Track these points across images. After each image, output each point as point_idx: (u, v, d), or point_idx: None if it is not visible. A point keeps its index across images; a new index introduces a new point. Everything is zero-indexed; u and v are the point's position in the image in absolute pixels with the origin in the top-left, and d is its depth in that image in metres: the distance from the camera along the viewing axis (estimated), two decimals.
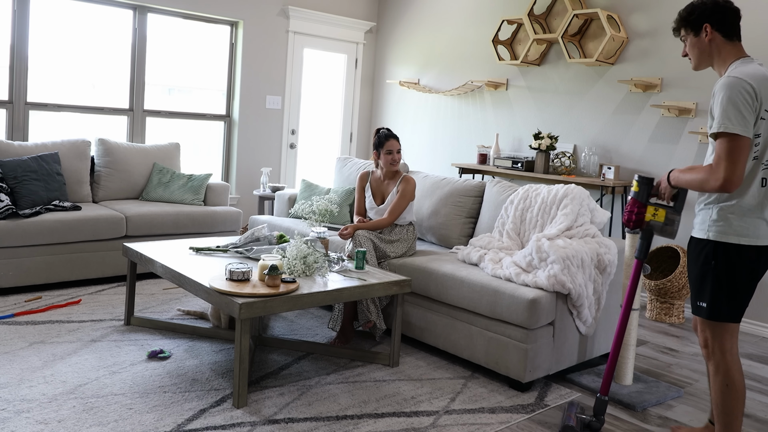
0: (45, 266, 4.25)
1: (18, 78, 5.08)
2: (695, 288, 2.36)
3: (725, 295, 2.29)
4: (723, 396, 2.36)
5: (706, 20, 2.34)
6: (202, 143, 6.29)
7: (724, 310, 2.31)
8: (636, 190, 2.59)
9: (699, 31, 2.36)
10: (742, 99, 2.16)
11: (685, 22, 2.39)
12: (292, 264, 3.17)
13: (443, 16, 6.48)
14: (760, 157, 2.25)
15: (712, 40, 2.35)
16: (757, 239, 2.27)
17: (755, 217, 2.27)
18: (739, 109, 2.15)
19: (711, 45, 2.36)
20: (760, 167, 2.26)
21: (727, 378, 2.35)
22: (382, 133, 3.95)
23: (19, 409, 2.63)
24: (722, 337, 2.34)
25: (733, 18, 2.35)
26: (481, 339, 3.30)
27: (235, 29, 6.25)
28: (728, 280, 2.28)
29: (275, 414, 2.75)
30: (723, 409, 2.36)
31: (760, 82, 2.20)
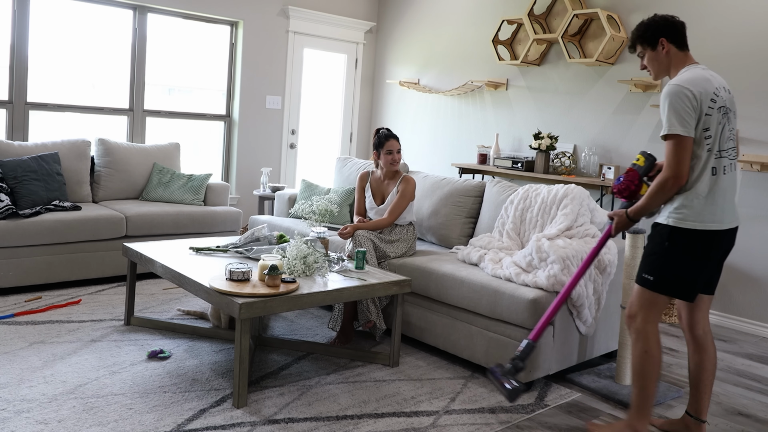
0: (45, 266, 4.25)
1: (18, 78, 5.08)
2: (645, 263, 2.59)
3: (671, 273, 2.53)
4: (641, 361, 2.58)
5: (661, 35, 2.59)
6: (202, 143, 6.30)
7: (668, 285, 2.54)
8: (641, 164, 2.69)
9: (656, 46, 2.60)
10: (681, 104, 2.42)
11: (642, 38, 2.63)
12: (292, 264, 3.17)
13: (443, 16, 6.48)
14: (712, 148, 2.47)
15: (668, 52, 2.59)
16: (710, 224, 2.48)
17: (708, 204, 2.48)
18: (680, 113, 2.42)
19: (668, 56, 2.60)
20: (711, 157, 2.48)
21: (646, 345, 2.57)
22: (382, 133, 3.95)
23: (19, 409, 2.63)
24: (650, 308, 2.58)
25: (683, 30, 2.61)
26: (481, 339, 3.30)
27: (235, 29, 6.25)
28: (674, 259, 2.51)
29: (275, 414, 2.75)
30: (640, 374, 2.59)
31: (698, 85, 2.45)
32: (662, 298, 2.57)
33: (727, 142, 2.50)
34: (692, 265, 2.52)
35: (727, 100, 2.52)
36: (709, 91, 2.46)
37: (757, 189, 4.42)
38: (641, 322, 2.59)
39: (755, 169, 4.40)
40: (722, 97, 2.50)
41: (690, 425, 2.76)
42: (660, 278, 2.54)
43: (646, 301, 2.59)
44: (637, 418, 2.63)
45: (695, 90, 2.43)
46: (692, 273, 2.53)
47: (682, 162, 2.43)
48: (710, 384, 2.72)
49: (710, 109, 2.45)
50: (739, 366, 3.79)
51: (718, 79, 2.55)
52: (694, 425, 2.75)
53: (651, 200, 2.54)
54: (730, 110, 2.53)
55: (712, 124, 2.46)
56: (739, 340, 4.29)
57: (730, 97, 2.56)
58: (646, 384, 2.58)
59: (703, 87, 2.45)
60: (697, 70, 2.53)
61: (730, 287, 4.57)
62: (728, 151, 2.51)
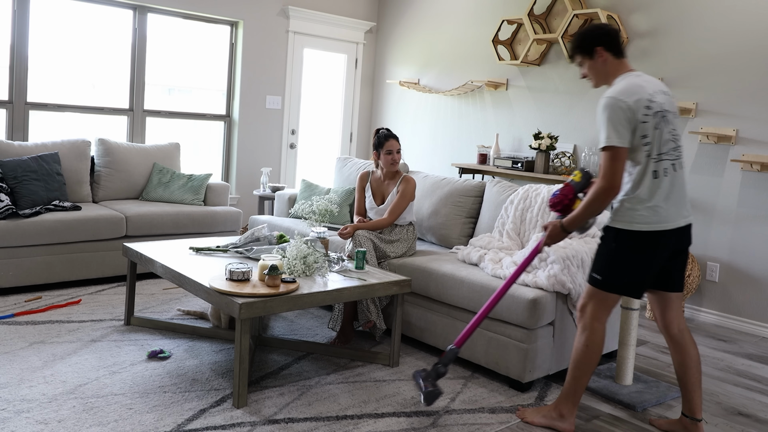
0: (45, 266, 4.25)
1: (18, 78, 5.08)
2: (595, 262, 2.69)
3: (618, 273, 2.62)
4: (581, 353, 2.69)
5: (597, 44, 2.66)
6: (202, 143, 6.29)
7: (615, 284, 2.63)
8: (577, 180, 2.79)
9: (593, 55, 2.67)
10: (616, 116, 2.49)
11: (580, 49, 2.71)
12: (292, 264, 3.17)
13: (443, 16, 6.48)
14: (651, 153, 2.54)
15: (605, 60, 2.66)
16: (655, 225, 2.55)
17: (652, 207, 2.55)
18: (616, 125, 2.49)
19: (605, 65, 2.68)
20: (653, 162, 2.55)
21: (589, 339, 2.68)
22: (382, 134, 3.95)
23: (19, 409, 2.63)
24: (599, 305, 2.68)
25: (618, 38, 2.68)
26: (481, 339, 3.30)
27: (235, 29, 6.25)
28: (621, 260, 2.60)
29: (275, 414, 2.75)
30: (577, 365, 2.71)
31: (633, 94, 2.52)
32: (611, 296, 2.67)
33: (666, 144, 2.56)
34: (639, 265, 2.59)
35: (664, 103, 2.58)
36: (643, 98, 2.53)
37: (757, 189, 4.42)
38: (589, 318, 2.69)
39: (755, 169, 4.40)
40: (658, 102, 2.56)
41: (687, 426, 2.79)
42: (608, 278, 2.64)
43: (595, 299, 2.69)
44: (564, 404, 2.76)
45: (630, 101, 2.50)
46: (639, 273, 2.61)
47: (617, 172, 2.51)
48: (697, 382, 2.76)
49: (646, 116, 2.51)
50: (739, 366, 3.79)
51: (654, 84, 2.61)
52: (691, 425, 2.78)
53: (586, 210, 2.62)
54: (669, 112, 2.59)
55: (649, 130, 2.53)
56: (739, 340, 4.30)
57: (668, 99, 2.62)
58: (580, 375, 2.71)
59: (638, 96, 2.52)
60: (632, 78, 2.60)
61: (730, 287, 4.57)
62: (669, 153, 2.57)
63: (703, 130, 4.59)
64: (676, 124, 2.63)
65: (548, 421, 2.78)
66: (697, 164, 4.71)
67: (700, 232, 4.70)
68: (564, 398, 2.77)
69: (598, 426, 2.87)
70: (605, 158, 2.51)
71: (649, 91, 2.56)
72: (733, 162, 4.52)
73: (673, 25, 4.84)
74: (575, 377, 2.72)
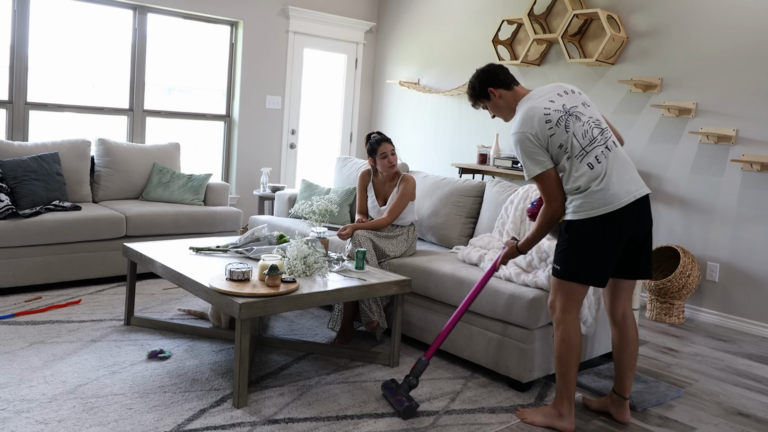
0: (45, 266, 4.25)
1: (18, 78, 5.08)
2: (555, 254, 2.78)
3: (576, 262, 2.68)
4: (560, 349, 2.75)
5: (487, 85, 2.84)
6: (202, 143, 6.29)
7: (575, 273, 2.69)
8: None
9: (489, 96, 2.85)
10: (527, 148, 2.67)
11: (476, 97, 2.90)
12: (292, 264, 3.17)
13: (443, 16, 6.48)
14: (571, 154, 2.65)
15: (500, 96, 2.83)
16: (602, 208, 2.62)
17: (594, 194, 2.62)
18: (531, 156, 2.67)
19: (503, 99, 2.84)
20: (581, 159, 2.64)
21: (564, 333, 2.74)
22: (374, 139, 3.94)
23: (19, 409, 2.63)
24: (566, 297, 2.74)
25: (503, 72, 2.85)
26: (481, 339, 3.30)
27: (235, 29, 6.25)
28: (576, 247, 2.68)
29: (275, 414, 2.75)
30: (560, 360, 2.76)
31: (529, 121, 2.66)
32: (576, 286, 2.72)
33: (586, 135, 2.66)
34: (595, 251, 2.65)
35: (566, 103, 2.69)
36: (540, 117, 2.65)
37: (757, 189, 4.42)
38: (559, 312, 2.75)
39: (755, 169, 4.40)
40: (556, 107, 2.67)
41: (615, 401, 2.94)
42: (567, 267, 2.70)
43: (561, 291, 2.75)
44: (560, 403, 2.79)
45: (530, 130, 2.65)
46: (598, 259, 2.66)
47: (553, 192, 2.69)
48: (630, 364, 2.88)
49: (550, 130, 2.64)
50: (739, 366, 3.79)
51: (547, 93, 2.73)
52: (618, 401, 2.92)
53: (538, 232, 2.79)
54: (575, 107, 2.70)
55: (561, 137, 2.64)
56: (739, 340, 4.30)
57: (570, 96, 2.73)
58: (565, 371, 2.75)
59: (535, 120, 2.66)
60: (523, 104, 2.73)
61: (730, 287, 4.57)
62: (595, 140, 2.66)
63: (703, 130, 4.59)
64: (591, 110, 2.74)
65: (548, 420, 2.80)
66: (697, 164, 4.71)
67: (700, 232, 4.70)
68: (559, 397, 2.80)
69: (598, 426, 2.88)
70: (538, 185, 2.71)
71: (543, 106, 2.68)
72: (733, 162, 4.52)
73: (673, 25, 4.84)
74: (561, 373, 2.77)
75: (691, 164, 4.73)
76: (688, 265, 4.46)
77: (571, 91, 2.76)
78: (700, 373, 3.62)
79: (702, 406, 3.17)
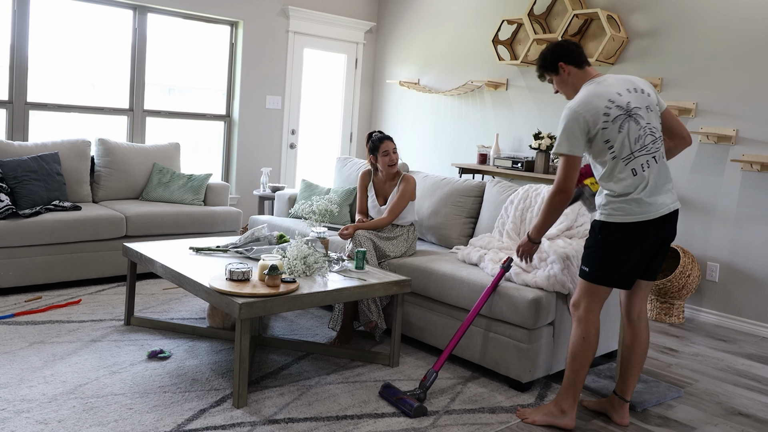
0: (45, 266, 4.25)
1: (18, 78, 5.08)
2: (583, 256, 2.78)
3: (605, 265, 2.69)
4: (577, 346, 2.75)
5: (559, 60, 2.80)
6: (202, 143, 6.29)
7: (604, 275, 2.70)
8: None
9: (558, 71, 2.81)
10: (570, 127, 2.62)
11: (545, 67, 2.85)
12: (292, 264, 3.17)
13: (443, 16, 6.48)
14: (618, 155, 2.62)
15: (569, 73, 2.79)
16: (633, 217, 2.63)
17: (633, 200, 2.62)
18: (569, 135, 2.63)
19: (571, 77, 2.80)
20: (629, 161, 2.62)
21: (585, 332, 2.74)
22: (376, 137, 3.95)
23: (19, 409, 2.63)
24: (591, 298, 2.74)
25: (578, 50, 2.80)
26: (481, 339, 3.30)
27: (235, 29, 6.25)
28: (608, 251, 2.68)
29: (275, 414, 2.75)
30: (575, 357, 2.75)
31: (589, 104, 2.62)
32: (601, 288, 2.73)
33: (638, 141, 2.62)
34: (625, 256, 2.67)
35: (632, 101, 2.64)
36: (599, 107, 2.61)
37: (757, 189, 4.42)
38: (583, 311, 2.75)
39: (755, 169, 4.40)
40: (619, 105, 2.62)
41: (615, 404, 2.92)
42: (595, 270, 2.71)
43: (586, 292, 2.75)
44: (564, 399, 2.79)
45: (585, 114, 2.61)
46: (625, 264, 2.68)
47: (569, 178, 2.66)
48: (638, 367, 2.88)
49: (604, 124, 2.60)
50: (739, 366, 3.79)
51: (620, 85, 2.68)
52: (618, 404, 2.91)
53: (545, 216, 2.78)
54: (639, 109, 2.65)
55: (611, 134, 2.61)
56: (739, 340, 4.29)
57: (639, 96, 2.67)
58: (578, 368, 2.75)
59: (594, 106, 2.61)
60: (592, 86, 2.69)
61: (730, 287, 4.57)
62: (646, 147, 2.63)
63: (703, 130, 4.59)
64: (651, 116, 2.68)
65: (549, 418, 2.80)
66: (697, 164, 4.71)
67: (700, 232, 4.70)
68: (564, 393, 2.79)
69: (598, 426, 2.88)
70: (559, 164, 2.69)
71: (609, 97, 2.63)
72: (733, 162, 4.52)
73: (673, 25, 4.84)
74: (574, 370, 2.75)
75: (691, 164, 4.73)
76: (688, 265, 4.46)
77: (641, 90, 2.69)
78: (700, 373, 3.62)
79: (702, 406, 3.17)
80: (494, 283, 3.19)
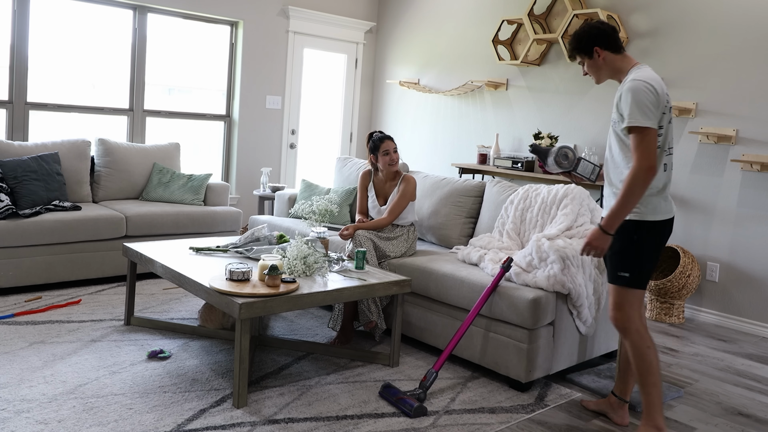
0: (45, 266, 4.24)
1: (18, 78, 5.08)
2: (617, 260, 2.64)
3: (642, 266, 2.61)
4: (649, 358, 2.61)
5: (594, 44, 2.67)
6: (202, 143, 6.29)
7: (643, 278, 2.62)
8: None
9: (591, 54, 2.69)
10: (645, 98, 2.49)
11: (578, 49, 2.72)
12: (292, 264, 3.17)
13: (443, 16, 6.48)
14: (662, 146, 2.58)
15: (604, 58, 2.68)
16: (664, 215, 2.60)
17: (660, 197, 2.60)
18: (642, 107, 2.48)
19: (605, 62, 2.69)
20: (663, 155, 2.60)
21: (648, 341, 2.62)
22: (376, 137, 3.95)
23: (19, 409, 2.63)
24: (636, 303, 2.63)
25: (614, 35, 2.68)
26: (481, 339, 3.30)
27: (235, 29, 6.25)
28: (645, 252, 2.61)
29: (275, 414, 2.75)
30: (650, 371, 2.61)
31: (658, 84, 2.54)
32: (640, 291, 2.64)
33: (672, 140, 2.64)
34: (654, 255, 2.64)
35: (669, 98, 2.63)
36: (665, 90, 2.58)
37: (757, 189, 4.42)
38: (637, 321, 2.63)
39: (755, 169, 4.40)
40: (669, 99, 2.61)
41: (614, 405, 2.92)
42: (635, 273, 2.61)
43: (628, 299, 2.63)
44: (657, 415, 2.64)
45: (657, 88, 2.52)
46: (654, 263, 2.65)
47: (651, 152, 2.47)
48: None
49: (665, 108, 2.56)
50: (739, 366, 3.79)
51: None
52: (617, 405, 2.91)
53: (626, 199, 2.49)
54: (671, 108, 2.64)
55: (665, 123, 2.57)
56: (739, 340, 4.29)
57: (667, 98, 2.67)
58: (656, 380, 2.62)
59: (661, 87, 2.56)
60: (649, 70, 2.62)
61: (730, 287, 4.57)
62: (672, 148, 2.65)
63: (703, 130, 4.59)
64: None
65: None
66: (696, 164, 4.71)
67: (700, 232, 4.70)
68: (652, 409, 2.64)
69: (598, 426, 2.88)
70: (635, 140, 2.48)
71: (664, 86, 2.60)
72: (733, 162, 4.52)
73: (673, 25, 4.84)
74: (653, 383, 2.62)
75: (691, 164, 4.73)
76: (688, 265, 4.46)
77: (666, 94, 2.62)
78: (700, 373, 3.62)
79: (702, 406, 3.17)
80: (494, 283, 3.19)
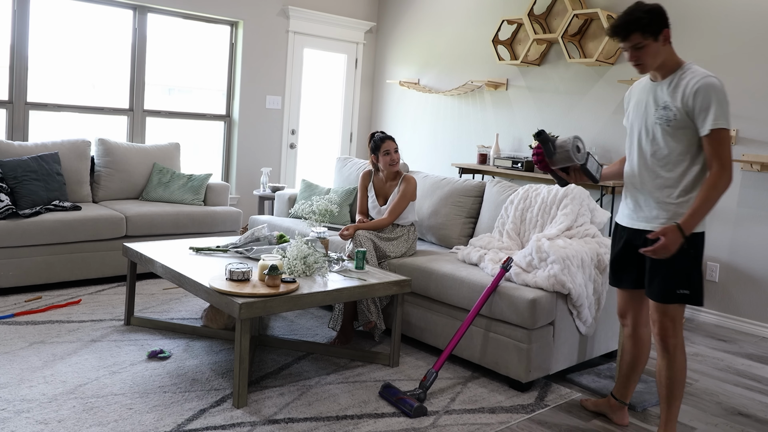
0: (45, 266, 4.24)
1: (18, 78, 5.07)
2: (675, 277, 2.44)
3: (699, 281, 2.47)
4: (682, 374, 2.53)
5: (665, 25, 2.40)
6: (202, 143, 6.29)
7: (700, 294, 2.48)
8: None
9: (657, 37, 2.39)
10: (725, 98, 2.33)
11: (644, 29, 2.37)
12: (292, 264, 3.17)
13: (443, 16, 6.48)
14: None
15: (667, 45, 2.43)
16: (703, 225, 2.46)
17: None
18: (723, 106, 2.32)
19: (665, 48, 2.43)
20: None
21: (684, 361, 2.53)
22: (378, 137, 3.96)
23: (19, 409, 2.63)
24: (678, 321, 2.50)
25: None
26: (481, 339, 3.30)
27: (235, 29, 6.25)
28: (699, 266, 2.47)
29: (275, 414, 2.75)
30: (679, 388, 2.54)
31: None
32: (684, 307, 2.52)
33: None
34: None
35: None
36: None
37: (757, 189, 4.42)
38: (681, 337, 2.52)
39: (755, 169, 4.40)
40: None
41: (614, 407, 2.91)
42: (695, 289, 2.46)
43: (679, 317, 2.50)
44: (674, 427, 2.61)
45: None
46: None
47: (730, 157, 2.32)
48: (641, 373, 2.88)
49: None
50: (739, 366, 3.79)
51: None
52: (617, 407, 2.90)
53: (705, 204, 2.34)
54: None
55: None
56: (739, 340, 4.30)
57: None
58: (679, 395, 2.57)
59: None
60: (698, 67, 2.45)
61: (730, 287, 4.57)
62: None
63: None
64: None
65: None
66: None
67: None
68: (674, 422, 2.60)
69: (598, 426, 2.88)
70: (717, 142, 2.30)
71: None
72: (733, 162, 4.51)
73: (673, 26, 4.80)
74: (678, 397, 2.56)
75: None
76: None
77: None
78: (700, 373, 3.62)
79: (702, 406, 3.17)
80: (494, 283, 3.19)
